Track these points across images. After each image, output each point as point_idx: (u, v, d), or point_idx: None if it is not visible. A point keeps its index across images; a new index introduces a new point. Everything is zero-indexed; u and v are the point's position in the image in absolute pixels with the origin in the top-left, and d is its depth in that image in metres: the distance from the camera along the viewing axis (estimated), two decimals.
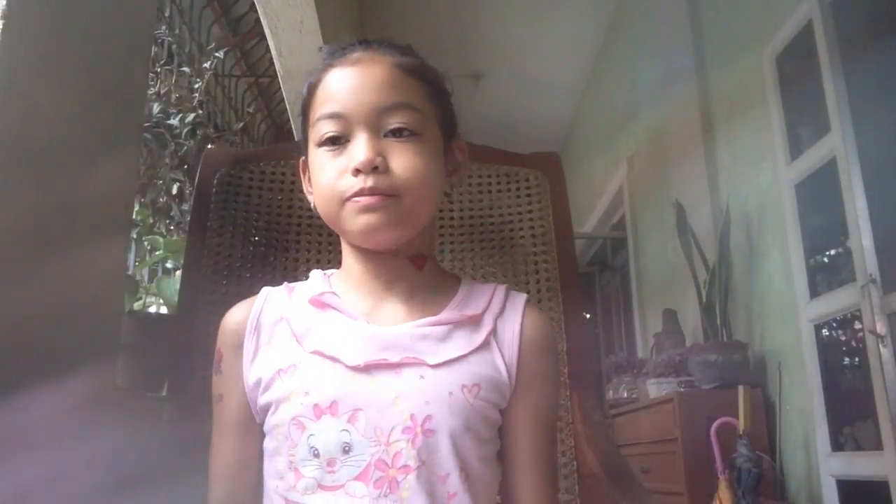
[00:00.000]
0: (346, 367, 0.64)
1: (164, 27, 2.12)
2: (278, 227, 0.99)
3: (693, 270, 2.66)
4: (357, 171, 0.65)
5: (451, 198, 0.84)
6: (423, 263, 0.72)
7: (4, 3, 0.72)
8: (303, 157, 0.76)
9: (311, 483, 0.62)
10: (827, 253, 2.32)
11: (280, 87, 3.21)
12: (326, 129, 0.68)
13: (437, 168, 0.71)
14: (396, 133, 0.67)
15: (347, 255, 0.74)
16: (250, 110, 3.41)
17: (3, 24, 0.72)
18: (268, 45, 2.98)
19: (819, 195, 2.21)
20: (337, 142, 0.68)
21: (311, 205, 0.75)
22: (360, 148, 0.66)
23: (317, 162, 0.70)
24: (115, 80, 0.99)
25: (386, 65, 0.70)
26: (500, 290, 0.73)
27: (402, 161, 0.66)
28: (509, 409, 0.69)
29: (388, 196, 0.65)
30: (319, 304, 0.70)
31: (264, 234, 0.98)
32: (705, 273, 2.62)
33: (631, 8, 3.97)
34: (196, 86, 1.83)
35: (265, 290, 0.74)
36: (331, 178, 0.67)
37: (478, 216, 1.03)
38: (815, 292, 2.19)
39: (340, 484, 0.62)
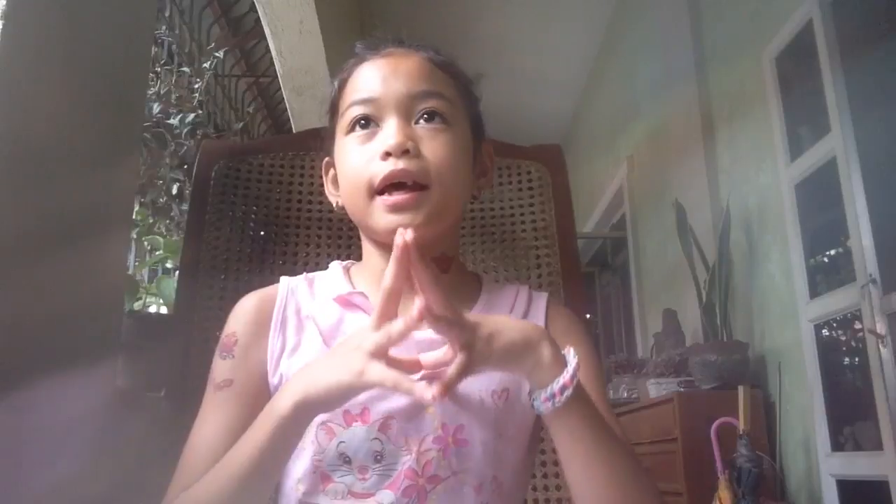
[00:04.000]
0: None
1: (164, 27, 2.12)
2: (277, 220, 0.98)
3: (693, 270, 2.66)
4: (387, 155, 0.64)
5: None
6: (448, 266, 0.70)
7: (4, 3, 0.72)
8: (327, 159, 0.75)
9: (342, 489, 0.61)
10: (827, 253, 2.32)
11: (280, 87, 3.22)
12: (356, 112, 0.67)
13: (467, 163, 0.70)
14: (428, 118, 0.66)
15: (370, 253, 0.71)
16: (250, 110, 3.41)
17: (3, 24, 0.72)
18: (268, 45, 2.98)
19: (819, 195, 2.21)
20: (366, 125, 0.67)
21: (335, 205, 0.73)
22: (391, 131, 0.65)
23: (344, 150, 0.68)
24: (115, 80, 0.99)
25: (418, 58, 0.70)
26: (523, 291, 0.73)
27: (434, 148, 0.65)
28: None
29: (418, 190, 0.63)
30: (346, 303, 0.68)
31: (263, 227, 0.97)
32: (705, 273, 2.61)
33: (631, 8, 3.97)
34: (196, 86, 1.83)
35: (285, 280, 0.72)
36: (359, 163, 0.66)
37: (478, 209, 1.02)
38: (815, 292, 2.19)
39: (371, 492, 0.60)
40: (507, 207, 1.02)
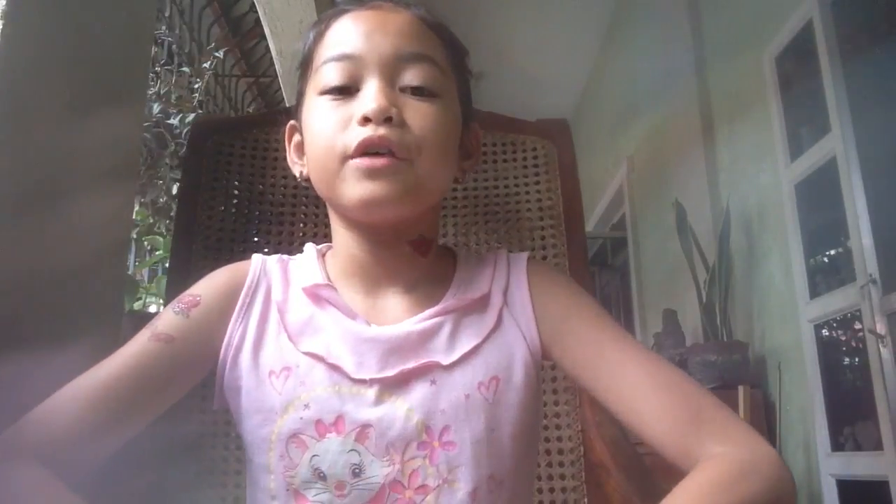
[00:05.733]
0: (351, 379, 0.56)
1: (164, 27, 2.13)
2: (273, 197, 0.93)
3: (693, 270, 2.66)
4: (366, 120, 0.55)
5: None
6: (427, 250, 0.63)
7: (4, 3, 0.72)
8: (291, 122, 0.66)
9: None
10: (827, 253, 2.32)
11: (280, 87, 3.22)
12: (332, 73, 0.58)
13: (455, 140, 0.62)
14: (414, 85, 0.58)
15: (341, 237, 0.63)
16: (250, 110, 3.41)
17: (3, 24, 0.72)
18: (268, 46, 2.98)
19: (819, 195, 2.21)
20: (343, 85, 0.58)
21: (299, 176, 0.64)
22: (372, 94, 0.56)
23: (315, 111, 0.59)
24: (115, 80, 0.99)
25: (409, 14, 0.61)
26: (501, 258, 0.65)
27: (420, 118, 0.57)
28: (562, 362, 0.61)
29: (398, 159, 0.55)
30: (314, 296, 0.61)
31: (258, 205, 0.92)
32: (705, 273, 2.61)
33: (631, 7, 3.97)
34: (196, 86, 1.83)
35: (258, 259, 0.65)
36: (332, 128, 0.57)
37: (482, 187, 0.97)
38: (814, 292, 2.19)
39: None
40: (512, 186, 0.96)
